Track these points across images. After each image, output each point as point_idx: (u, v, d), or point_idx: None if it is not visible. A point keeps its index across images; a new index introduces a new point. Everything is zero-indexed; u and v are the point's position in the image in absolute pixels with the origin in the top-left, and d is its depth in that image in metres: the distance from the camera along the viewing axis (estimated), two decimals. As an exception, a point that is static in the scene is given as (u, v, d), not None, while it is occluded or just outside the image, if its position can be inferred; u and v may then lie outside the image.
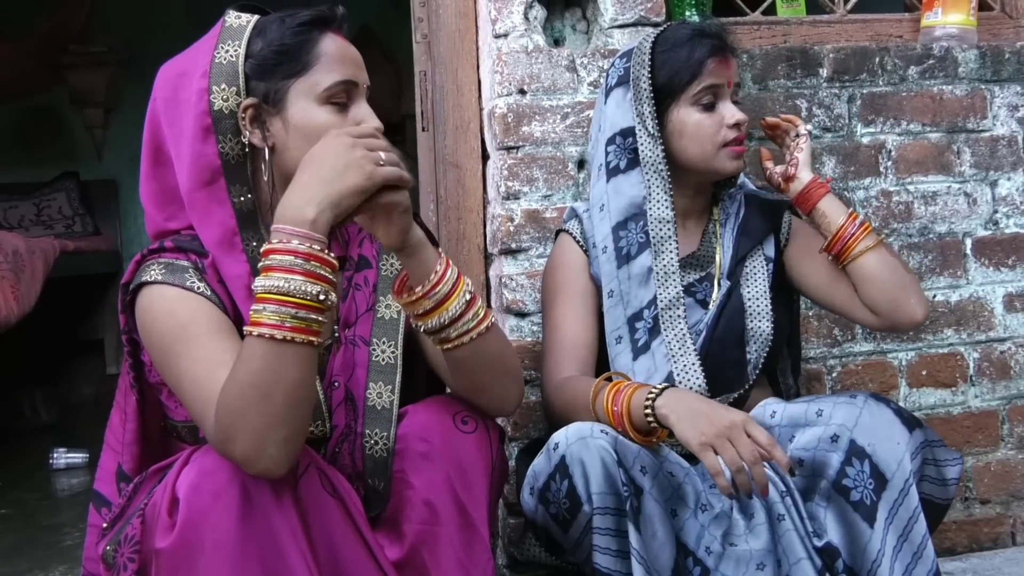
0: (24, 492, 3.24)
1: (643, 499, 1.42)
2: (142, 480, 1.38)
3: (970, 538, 2.19)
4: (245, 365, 1.16)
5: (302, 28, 1.36)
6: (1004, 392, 2.22)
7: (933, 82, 2.18)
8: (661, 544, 1.42)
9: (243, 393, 1.15)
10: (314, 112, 1.35)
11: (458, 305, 1.30)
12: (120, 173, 5.56)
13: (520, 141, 1.97)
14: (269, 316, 1.14)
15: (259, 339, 1.14)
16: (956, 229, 2.20)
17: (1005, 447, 2.22)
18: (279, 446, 1.16)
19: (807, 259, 1.73)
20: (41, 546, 2.63)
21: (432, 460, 1.36)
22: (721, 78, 1.63)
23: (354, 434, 1.41)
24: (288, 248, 1.15)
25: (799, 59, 2.12)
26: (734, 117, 1.62)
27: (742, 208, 1.74)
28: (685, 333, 1.62)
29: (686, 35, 1.64)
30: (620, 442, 1.43)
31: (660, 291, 1.63)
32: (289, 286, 1.14)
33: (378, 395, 1.42)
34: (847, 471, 1.44)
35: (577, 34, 2.08)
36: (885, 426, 1.45)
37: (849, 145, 2.14)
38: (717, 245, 1.72)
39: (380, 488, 1.38)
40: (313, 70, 1.35)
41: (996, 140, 2.22)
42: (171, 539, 1.19)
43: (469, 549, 1.36)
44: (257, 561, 1.19)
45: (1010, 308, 2.22)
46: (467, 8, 2.06)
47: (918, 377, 2.18)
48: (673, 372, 1.59)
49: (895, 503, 1.42)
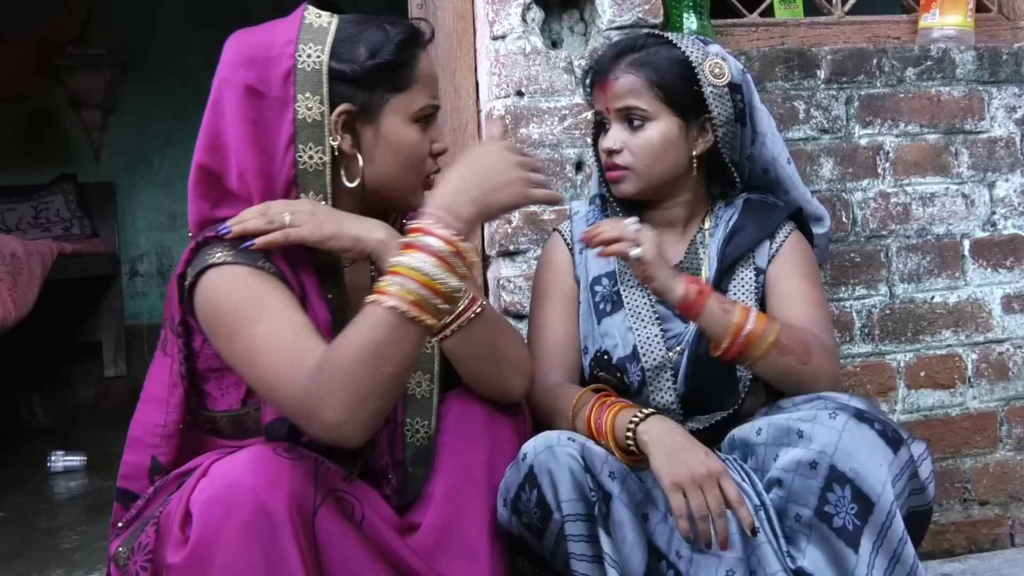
0: (21, 495, 3.24)
1: (612, 504, 1.42)
2: (163, 483, 1.38)
3: (968, 539, 2.19)
4: (367, 330, 1.17)
5: (405, 44, 1.39)
6: (1002, 393, 2.22)
7: (931, 83, 2.19)
8: (632, 548, 1.41)
9: (359, 355, 1.16)
10: (405, 129, 1.40)
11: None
12: (118, 175, 5.56)
13: (518, 143, 1.96)
14: (402, 291, 1.16)
15: (387, 310, 1.16)
16: (954, 230, 2.20)
17: (1004, 448, 2.22)
18: (371, 416, 1.18)
19: (775, 284, 1.66)
20: (39, 549, 2.63)
21: (473, 439, 1.42)
22: (600, 104, 1.66)
23: (394, 423, 1.44)
24: (436, 232, 1.19)
25: (797, 61, 2.12)
26: (603, 145, 1.65)
27: (736, 215, 1.69)
28: (646, 303, 1.64)
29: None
30: (587, 448, 1.43)
31: (618, 266, 1.65)
32: (429, 269, 1.17)
33: (417, 384, 1.46)
34: (828, 497, 1.39)
35: (575, 36, 2.08)
36: (867, 448, 1.39)
37: (847, 147, 2.15)
38: (703, 255, 1.68)
39: (420, 475, 1.42)
40: (411, 89, 1.40)
41: (994, 141, 2.22)
42: (182, 556, 1.20)
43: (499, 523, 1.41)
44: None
45: (1008, 309, 2.22)
46: (465, 10, 2.07)
47: (916, 379, 2.18)
48: (636, 346, 1.61)
49: (883, 526, 1.38)
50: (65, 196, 5.24)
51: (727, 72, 1.63)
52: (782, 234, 1.68)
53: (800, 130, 2.12)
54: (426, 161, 1.44)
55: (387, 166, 1.41)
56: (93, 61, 5.49)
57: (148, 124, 5.45)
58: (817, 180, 2.12)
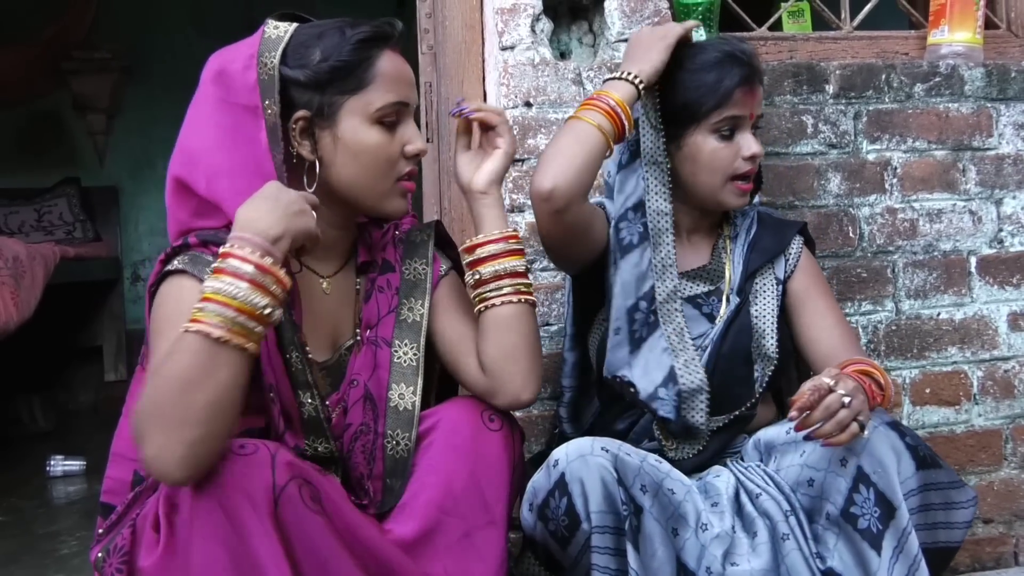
0: (21, 499, 3.23)
1: (643, 518, 1.42)
2: (142, 489, 1.38)
3: (972, 558, 2.18)
4: (173, 359, 1.17)
5: (362, 45, 1.37)
6: (1008, 411, 2.22)
7: (939, 100, 2.19)
8: (661, 564, 1.42)
9: (166, 385, 1.15)
10: (364, 131, 1.38)
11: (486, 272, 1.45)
12: (121, 179, 5.56)
13: (525, 154, 1.97)
14: (208, 315, 1.16)
15: (194, 335, 1.15)
16: (961, 247, 2.20)
17: (1008, 466, 2.21)
18: (186, 447, 1.14)
19: (805, 303, 1.71)
20: (38, 554, 2.62)
21: (458, 452, 1.40)
22: (745, 109, 1.61)
23: (374, 433, 1.43)
24: (244, 256, 1.18)
25: (805, 75, 2.12)
26: (750, 149, 1.61)
27: (754, 225, 1.73)
28: (683, 327, 1.61)
29: (716, 58, 1.61)
30: (620, 460, 1.42)
31: (658, 284, 1.61)
32: (236, 292, 1.16)
33: (400, 396, 1.45)
34: (854, 498, 1.43)
35: (583, 47, 2.08)
36: (894, 455, 1.42)
37: (855, 162, 2.14)
38: (727, 260, 1.71)
39: (396, 487, 1.41)
40: (368, 89, 1.38)
41: (1002, 158, 2.22)
42: (153, 559, 1.20)
43: (487, 541, 1.38)
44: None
45: (1014, 327, 2.22)
46: (474, 20, 2.06)
47: (921, 395, 2.17)
48: (675, 367, 1.57)
49: (904, 531, 1.40)
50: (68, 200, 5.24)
51: None
52: (795, 247, 1.74)
53: (808, 145, 2.12)
54: (396, 163, 1.42)
55: (348, 170, 1.39)
56: (98, 65, 5.50)
57: (152, 128, 5.45)
58: (824, 195, 2.12)
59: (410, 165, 1.43)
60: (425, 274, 1.52)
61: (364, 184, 1.41)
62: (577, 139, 1.51)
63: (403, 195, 1.44)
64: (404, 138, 1.41)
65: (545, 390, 1.95)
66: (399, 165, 1.42)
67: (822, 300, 1.71)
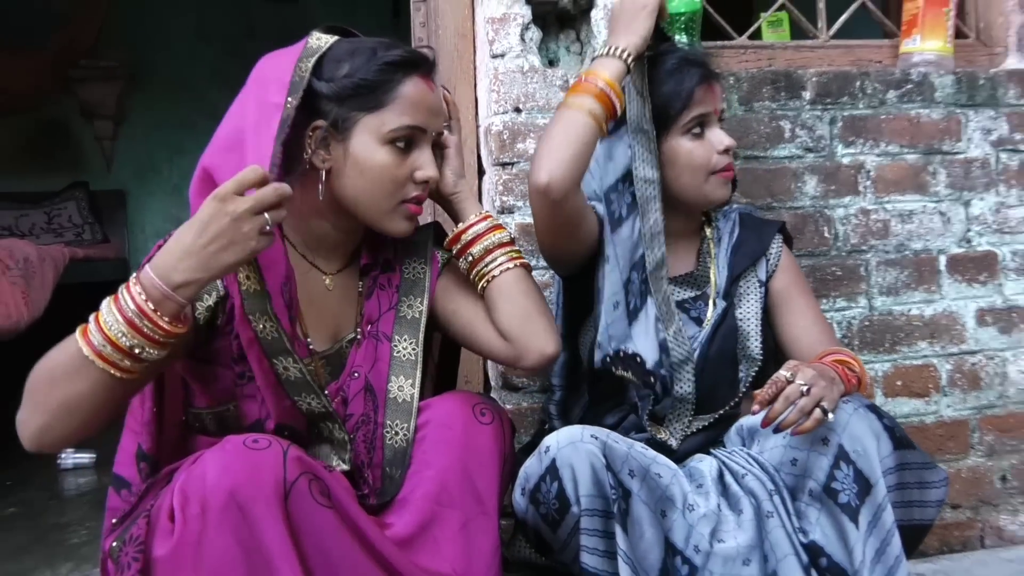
0: (32, 491, 3.21)
1: (631, 501, 1.41)
2: (154, 481, 1.38)
3: (941, 541, 2.19)
4: (57, 350, 1.21)
5: (388, 67, 1.36)
6: (975, 402, 2.22)
7: (911, 106, 2.18)
8: (649, 544, 1.41)
9: (40, 371, 1.20)
10: (374, 150, 1.37)
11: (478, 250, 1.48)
12: (128, 183, 5.55)
13: (515, 157, 1.96)
14: (92, 332, 1.17)
15: (75, 340, 1.18)
16: (931, 246, 2.20)
17: (975, 455, 2.22)
18: (36, 428, 1.20)
19: (786, 302, 1.70)
20: (48, 544, 2.60)
21: (451, 446, 1.39)
22: (709, 106, 1.61)
23: (374, 423, 1.43)
24: (134, 296, 1.16)
25: (783, 82, 2.11)
26: (723, 143, 1.60)
27: (736, 228, 1.72)
28: (669, 295, 1.60)
29: (673, 64, 1.61)
30: (609, 446, 1.42)
31: (647, 252, 1.58)
32: (113, 324, 1.16)
33: (399, 388, 1.45)
34: (835, 474, 1.43)
35: (571, 55, 2.07)
36: (872, 435, 1.43)
37: (830, 165, 2.14)
38: (712, 265, 1.70)
39: (396, 476, 1.40)
40: (385, 109, 1.36)
41: (970, 162, 2.22)
42: (167, 549, 1.20)
43: (480, 530, 1.38)
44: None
45: (981, 322, 2.22)
46: (466, 29, 2.05)
47: (893, 387, 2.17)
48: (667, 340, 1.56)
49: (879, 506, 1.41)
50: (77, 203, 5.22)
51: None
52: (775, 248, 1.73)
53: (785, 148, 2.12)
54: (403, 186, 1.39)
55: (352, 184, 1.38)
56: (105, 73, 5.49)
57: (157, 134, 5.44)
58: (801, 197, 2.12)
59: (418, 190, 1.41)
60: (424, 273, 1.52)
61: (367, 200, 1.39)
62: (570, 128, 1.48)
63: (407, 217, 1.42)
64: (415, 163, 1.40)
65: (535, 383, 1.95)
66: (406, 188, 1.40)
67: (802, 298, 1.71)
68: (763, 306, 1.69)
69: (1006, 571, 2.07)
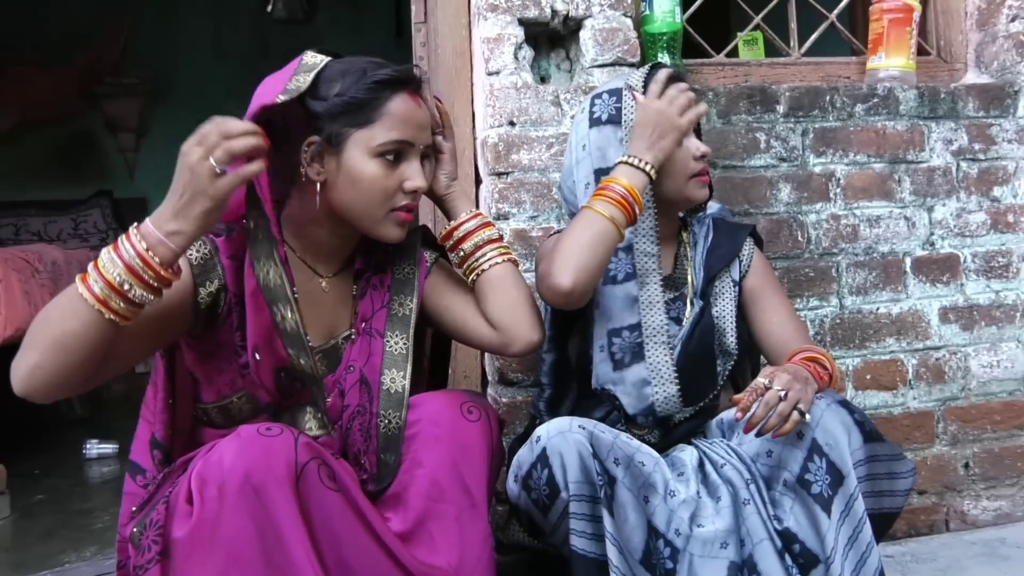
0: (59, 479, 3.22)
1: (616, 487, 1.42)
2: (170, 470, 1.39)
3: (909, 525, 2.20)
4: (56, 298, 1.20)
5: (376, 86, 1.36)
6: (939, 395, 2.23)
7: (877, 118, 2.20)
8: (633, 528, 1.42)
9: (39, 317, 1.19)
10: (364, 162, 1.37)
11: (469, 246, 1.50)
12: (150, 191, 5.55)
13: (509, 168, 1.97)
14: (90, 275, 1.18)
15: (76, 284, 1.18)
16: (897, 249, 2.21)
17: (940, 444, 2.22)
18: (29, 368, 1.17)
19: (759, 299, 1.71)
20: (74, 529, 2.61)
21: (441, 443, 1.39)
22: None
23: (369, 413, 1.44)
24: (132, 242, 1.18)
25: (759, 97, 2.13)
26: (700, 149, 1.62)
27: (710, 232, 1.73)
28: (668, 361, 1.59)
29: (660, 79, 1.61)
30: (595, 436, 1.43)
31: (646, 318, 1.60)
32: (109, 266, 1.18)
33: (391, 380, 1.45)
34: (809, 467, 1.43)
35: (561, 72, 2.09)
36: (843, 429, 1.43)
37: (803, 174, 2.15)
38: (689, 267, 1.71)
39: (391, 462, 1.41)
40: (374, 125, 1.36)
41: (933, 170, 2.23)
42: (186, 530, 1.21)
43: (471, 523, 1.38)
44: (262, 556, 1.20)
45: (944, 320, 2.23)
46: (463, 48, 2.07)
47: (863, 381, 2.18)
48: (655, 403, 1.58)
49: (850, 498, 1.41)
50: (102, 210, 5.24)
51: None
52: (747, 249, 1.74)
53: (761, 159, 2.13)
54: (392, 196, 1.40)
55: (346, 195, 1.39)
56: (128, 89, 5.50)
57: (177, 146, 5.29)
58: (776, 203, 2.13)
59: (407, 199, 1.41)
60: (414, 274, 1.53)
61: (360, 209, 1.40)
62: (596, 238, 1.49)
63: (398, 224, 1.43)
64: (404, 174, 1.40)
65: (528, 377, 1.97)
66: (396, 198, 1.40)
67: (774, 296, 1.71)
68: (737, 304, 1.69)
69: (969, 552, 2.08)
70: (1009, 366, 2.26)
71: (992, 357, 2.26)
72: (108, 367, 1.25)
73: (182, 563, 1.21)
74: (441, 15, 2.07)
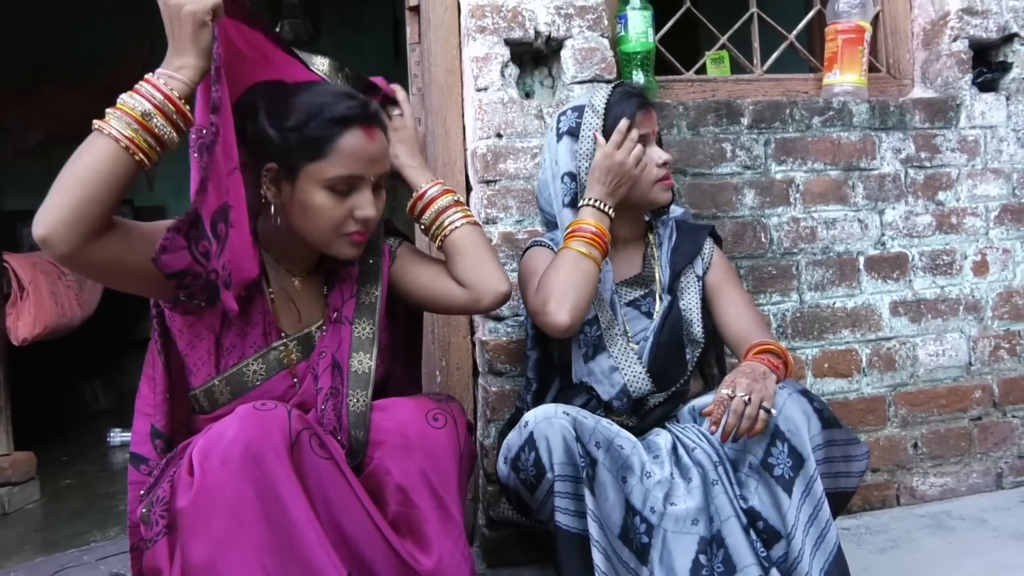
0: (85, 465, 3.21)
1: (597, 469, 1.42)
2: (173, 455, 1.37)
3: (863, 500, 2.21)
4: (78, 149, 1.18)
5: (331, 123, 1.33)
6: (890, 381, 2.23)
7: (832, 130, 2.20)
8: (612, 506, 1.42)
9: (67, 165, 1.17)
10: (314, 193, 1.35)
11: (432, 212, 1.50)
12: (167, 201, 5.52)
13: (497, 176, 1.96)
14: (115, 117, 1.18)
15: (95, 132, 1.18)
16: (852, 249, 2.22)
17: (891, 425, 2.23)
18: (45, 210, 1.14)
19: (719, 294, 1.72)
20: (99, 511, 2.60)
21: (408, 452, 1.36)
22: (647, 128, 1.62)
23: (340, 394, 1.42)
24: (153, 83, 1.21)
25: (725, 110, 2.13)
26: (662, 157, 1.63)
27: (674, 233, 1.73)
28: (628, 347, 1.61)
29: (617, 96, 1.62)
30: (578, 422, 1.43)
31: (600, 314, 1.61)
32: (129, 101, 1.19)
33: (359, 362, 1.44)
34: (771, 451, 1.43)
35: (544, 88, 2.08)
36: (803, 416, 1.43)
37: (765, 180, 2.15)
38: (656, 266, 1.71)
39: (360, 437, 1.38)
40: (325, 160, 1.34)
41: (883, 177, 2.24)
42: (189, 499, 1.19)
43: (441, 526, 1.35)
44: (263, 517, 1.18)
45: (895, 313, 2.24)
46: (454, 66, 2.06)
47: (821, 369, 2.19)
48: (626, 384, 1.59)
49: (810, 479, 1.41)
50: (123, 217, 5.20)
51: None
52: (708, 247, 1.74)
53: (727, 167, 2.13)
54: (341, 224, 1.37)
55: (298, 219, 1.38)
56: (148, 106, 5.45)
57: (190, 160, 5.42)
58: (741, 207, 2.13)
59: (357, 226, 1.38)
60: (378, 264, 1.52)
61: (311, 233, 1.38)
62: (583, 275, 1.52)
63: (351, 245, 1.40)
64: (355, 204, 1.36)
65: (515, 368, 1.96)
66: (345, 224, 1.37)
67: (734, 290, 1.72)
68: (701, 297, 1.70)
69: (918, 524, 2.09)
70: (953, 355, 2.27)
71: (938, 347, 2.26)
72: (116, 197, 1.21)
73: (188, 530, 1.19)
74: (434, 36, 2.06)
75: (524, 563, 1.94)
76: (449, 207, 1.51)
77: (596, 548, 1.36)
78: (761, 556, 1.42)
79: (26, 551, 2.29)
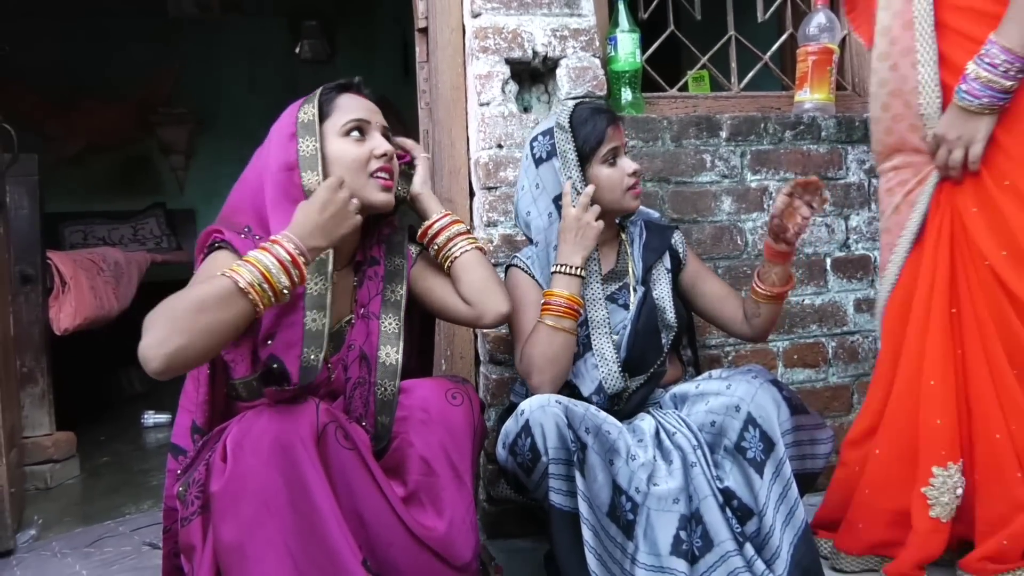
0: (120, 445, 3.20)
1: (587, 452, 1.42)
2: (208, 438, 1.36)
3: (828, 479, 2.18)
4: (201, 287, 1.19)
5: (328, 91, 1.45)
6: (854, 371, 2.23)
7: (803, 143, 2.19)
8: (601, 486, 1.42)
9: (187, 301, 1.17)
10: (339, 143, 1.41)
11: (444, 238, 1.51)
12: (197, 204, 5.52)
13: (498, 183, 1.96)
14: (242, 271, 1.19)
15: (226, 279, 1.18)
16: (820, 251, 2.21)
17: (854, 412, 2.22)
18: (174, 348, 1.13)
19: (699, 282, 1.75)
20: (133, 485, 2.60)
21: (429, 427, 1.37)
22: (617, 140, 1.62)
23: (368, 383, 1.42)
24: (286, 248, 1.22)
25: (705, 124, 2.12)
26: (632, 167, 1.62)
27: (643, 232, 1.73)
28: (610, 348, 1.60)
29: (587, 113, 1.62)
30: (569, 409, 1.43)
31: (591, 314, 1.61)
32: (268, 265, 1.20)
33: (386, 355, 1.44)
34: (745, 436, 1.44)
35: (541, 103, 2.07)
36: (773, 404, 1.45)
37: (741, 188, 2.15)
38: (629, 261, 1.71)
39: (386, 422, 1.39)
40: (333, 116, 1.42)
41: (849, 186, 2.23)
42: (221, 483, 1.19)
43: (456, 493, 1.36)
44: (289, 504, 1.18)
45: (858, 309, 2.23)
46: (459, 83, 2.04)
47: (791, 360, 2.18)
48: (602, 382, 1.58)
49: (780, 462, 1.43)
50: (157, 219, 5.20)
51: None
52: (679, 244, 1.76)
53: (707, 176, 2.12)
54: (368, 162, 1.41)
55: (334, 173, 1.40)
56: (178, 118, 5.47)
57: (219, 166, 5.41)
58: (719, 213, 2.12)
59: (380, 162, 1.42)
60: (403, 265, 1.52)
61: (349, 182, 1.38)
62: (559, 349, 1.51)
63: (382, 189, 1.43)
64: (371, 144, 1.43)
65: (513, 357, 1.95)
66: (370, 164, 1.41)
67: (711, 275, 1.77)
68: (673, 287, 1.70)
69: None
70: (911, 348, 2.26)
71: (897, 340, 2.25)
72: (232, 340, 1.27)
73: (220, 512, 1.19)
74: (441, 55, 2.05)
75: (521, 535, 1.94)
76: (458, 235, 1.51)
77: (586, 525, 1.36)
78: (736, 532, 1.42)
79: (66, 522, 2.29)
